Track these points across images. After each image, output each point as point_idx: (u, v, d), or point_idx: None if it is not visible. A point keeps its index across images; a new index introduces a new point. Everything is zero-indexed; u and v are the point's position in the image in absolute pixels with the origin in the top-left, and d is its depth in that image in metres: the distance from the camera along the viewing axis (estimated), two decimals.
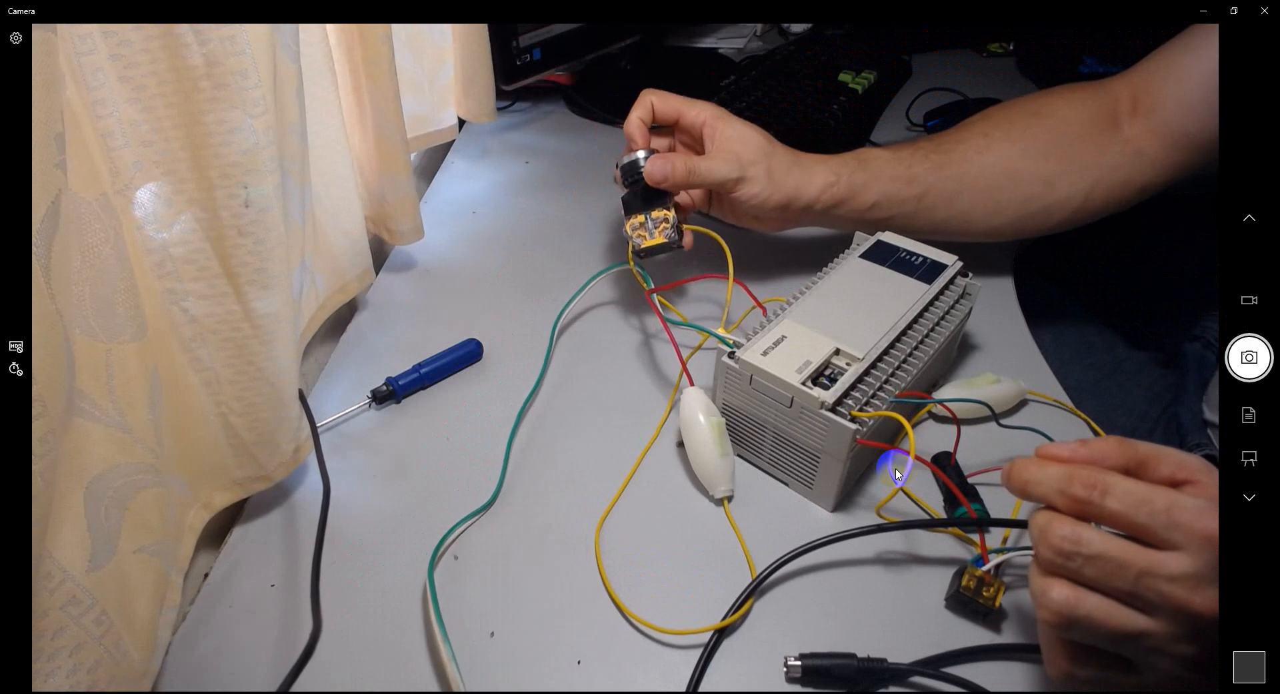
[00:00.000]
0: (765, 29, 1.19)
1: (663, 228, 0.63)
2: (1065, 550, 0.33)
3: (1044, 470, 0.35)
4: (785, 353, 0.50)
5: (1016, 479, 0.37)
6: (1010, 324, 0.66)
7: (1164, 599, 0.31)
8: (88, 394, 0.36)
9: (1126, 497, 0.33)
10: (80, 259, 0.35)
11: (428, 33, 0.75)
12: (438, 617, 0.44)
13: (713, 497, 0.52)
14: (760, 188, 0.60)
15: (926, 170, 0.63)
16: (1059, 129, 0.64)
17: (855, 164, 0.62)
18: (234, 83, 0.39)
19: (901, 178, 0.62)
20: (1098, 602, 0.33)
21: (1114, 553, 0.32)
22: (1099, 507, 0.33)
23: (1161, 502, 0.32)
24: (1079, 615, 0.33)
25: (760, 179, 0.60)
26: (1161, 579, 0.31)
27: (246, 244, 0.42)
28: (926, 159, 0.63)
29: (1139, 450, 0.35)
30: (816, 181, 0.61)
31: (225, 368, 0.45)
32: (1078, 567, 0.33)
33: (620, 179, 0.63)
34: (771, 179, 0.60)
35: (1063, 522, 0.34)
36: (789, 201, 0.61)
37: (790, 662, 0.43)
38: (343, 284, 0.63)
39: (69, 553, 0.35)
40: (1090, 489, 0.33)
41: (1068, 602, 0.33)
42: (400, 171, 0.66)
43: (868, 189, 0.62)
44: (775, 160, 0.61)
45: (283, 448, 0.50)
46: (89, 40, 0.35)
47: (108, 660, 0.37)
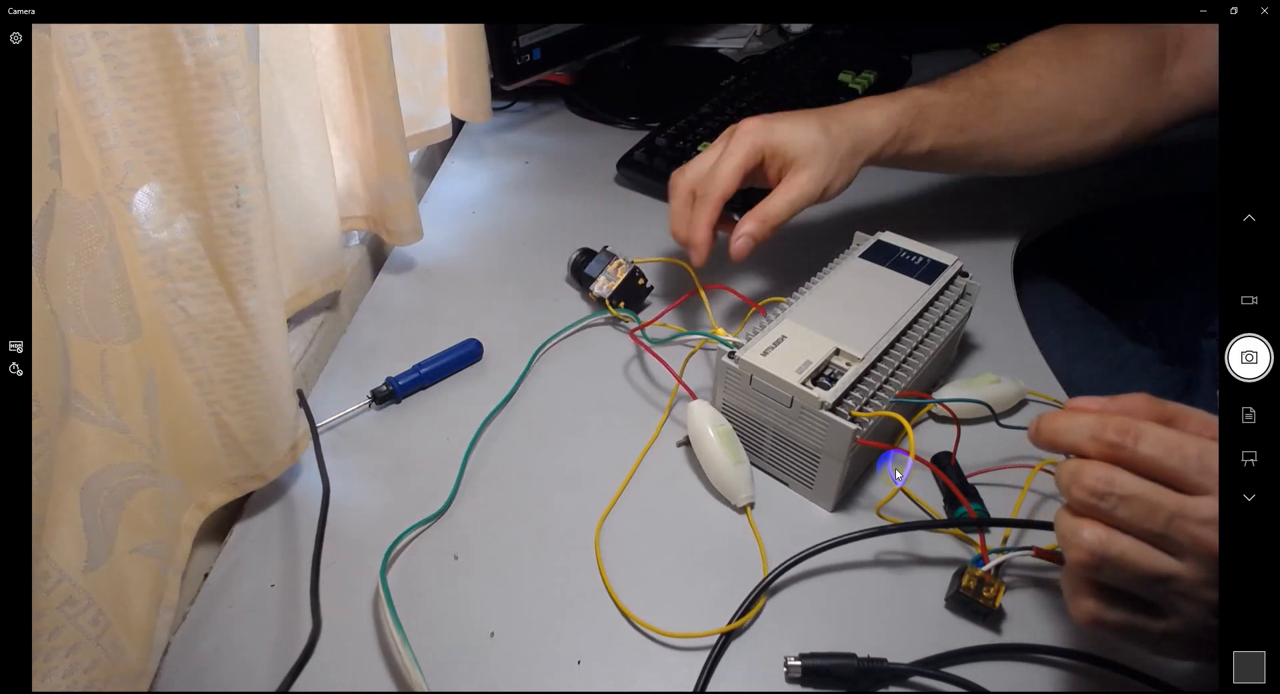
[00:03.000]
0: (765, 29, 1.19)
1: (619, 266, 0.66)
2: (1099, 490, 0.33)
3: (1075, 419, 0.35)
4: (785, 353, 0.50)
5: (1046, 429, 0.36)
6: (1010, 324, 0.66)
7: (1194, 542, 0.31)
8: (83, 394, 0.36)
9: (1159, 442, 0.33)
10: (75, 259, 0.35)
11: (421, 32, 0.75)
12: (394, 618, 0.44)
13: (734, 505, 0.52)
14: (842, 181, 0.59)
15: (979, 117, 0.62)
16: (1109, 72, 0.62)
17: (915, 113, 0.60)
18: (224, 83, 0.39)
19: (955, 126, 0.62)
20: (1129, 542, 0.33)
21: (1147, 494, 0.32)
22: (1132, 452, 0.33)
23: (1193, 448, 0.32)
24: (1111, 555, 0.33)
25: (839, 174, 0.58)
26: (1193, 522, 0.31)
27: (238, 243, 0.42)
28: (981, 105, 0.62)
29: (1167, 408, 0.35)
30: (885, 133, 0.59)
31: (218, 367, 0.45)
32: (1110, 507, 0.33)
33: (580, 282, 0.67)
34: (844, 165, 0.58)
35: (1096, 464, 0.34)
36: (863, 164, 0.60)
37: (790, 662, 0.43)
38: (305, 287, 0.62)
39: (65, 553, 0.35)
40: (1124, 434, 0.33)
41: (1100, 540, 0.33)
42: (399, 172, 0.66)
43: (925, 136, 0.61)
44: (835, 140, 0.58)
45: (277, 446, 0.50)
46: (80, 41, 0.35)
47: (104, 660, 0.37)
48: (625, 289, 0.65)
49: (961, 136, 0.62)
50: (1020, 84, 0.63)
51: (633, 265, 0.66)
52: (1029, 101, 0.62)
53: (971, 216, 0.75)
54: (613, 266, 0.66)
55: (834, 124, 0.58)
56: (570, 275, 0.70)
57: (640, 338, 0.60)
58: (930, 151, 0.61)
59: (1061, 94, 0.63)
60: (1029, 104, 0.62)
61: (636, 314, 0.64)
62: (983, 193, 0.77)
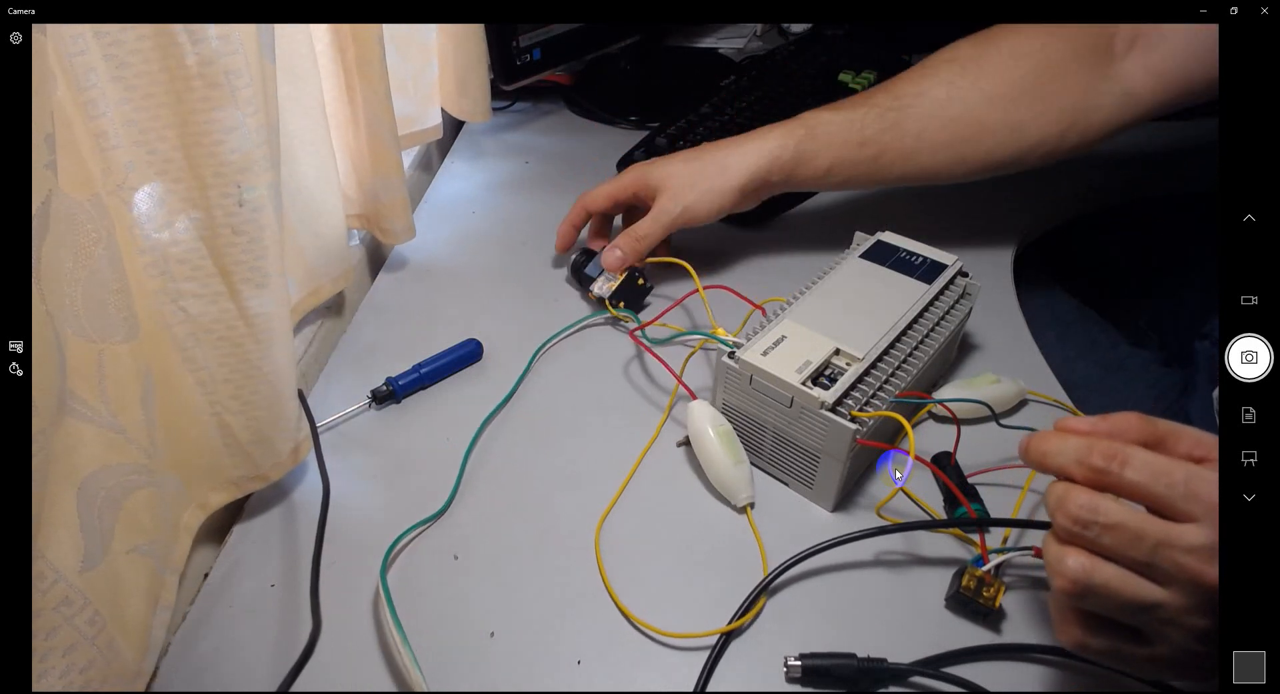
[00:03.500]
0: (765, 29, 1.19)
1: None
2: (1083, 519, 0.33)
3: (1063, 441, 0.35)
4: (785, 353, 0.50)
5: (1035, 451, 0.36)
6: (1010, 324, 0.66)
7: (1179, 570, 0.31)
8: (79, 394, 0.36)
9: (1145, 468, 0.33)
10: (72, 260, 0.35)
11: (414, 31, 0.75)
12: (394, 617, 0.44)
13: (735, 505, 0.52)
14: (708, 202, 0.63)
15: (880, 130, 0.62)
16: (1039, 71, 0.61)
17: (803, 132, 0.62)
18: (227, 82, 0.39)
19: (853, 142, 0.62)
20: (1113, 571, 0.33)
21: (1131, 523, 0.32)
22: (1118, 477, 0.33)
23: (1180, 474, 0.32)
24: (1094, 584, 0.33)
25: (702, 195, 0.63)
26: (1178, 550, 0.31)
27: (240, 242, 0.42)
28: (881, 118, 0.62)
29: (1158, 427, 0.35)
30: (761, 159, 0.62)
31: (219, 367, 0.45)
32: (1094, 535, 0.33)
33: (581, 282, 0.68)
34: (712, 187, 0.63)
35: (1081, 491, 0.34)
36: (741, 189, 0.63)
37: (790, 662, 0.43)
38: (315, 287, 0.63)
39: (61, 553, 0.35)
40: (1110, 460, 0.33)
41: (1084, 569, 0.33)
42: (392, 172, 0.66)
43: (819, 156, 0.62)
44: (703, 166, 0.63)
45: (279, 447, 0.49)
46: (81, 40, 0.35)
47: (101, 661, 0.37)
48: (625, 289, 0.65)
49: (863, 151, 0.62)
50: (930, 94, 0.62)
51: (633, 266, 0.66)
52: (942, 110, 0.62)
53: (971, 216, 0.75)
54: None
55: (705, 155, 0.64)
56: (571, 276, 0.70)
57: (640, 338, 0.60)
58: (830, 169, 0.62)
59: (979, 99, 0.61)
60: (943, 112, 0.62)
61: (636, 314, 0.64)
62: (983, 193, 0.77)
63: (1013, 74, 0.61)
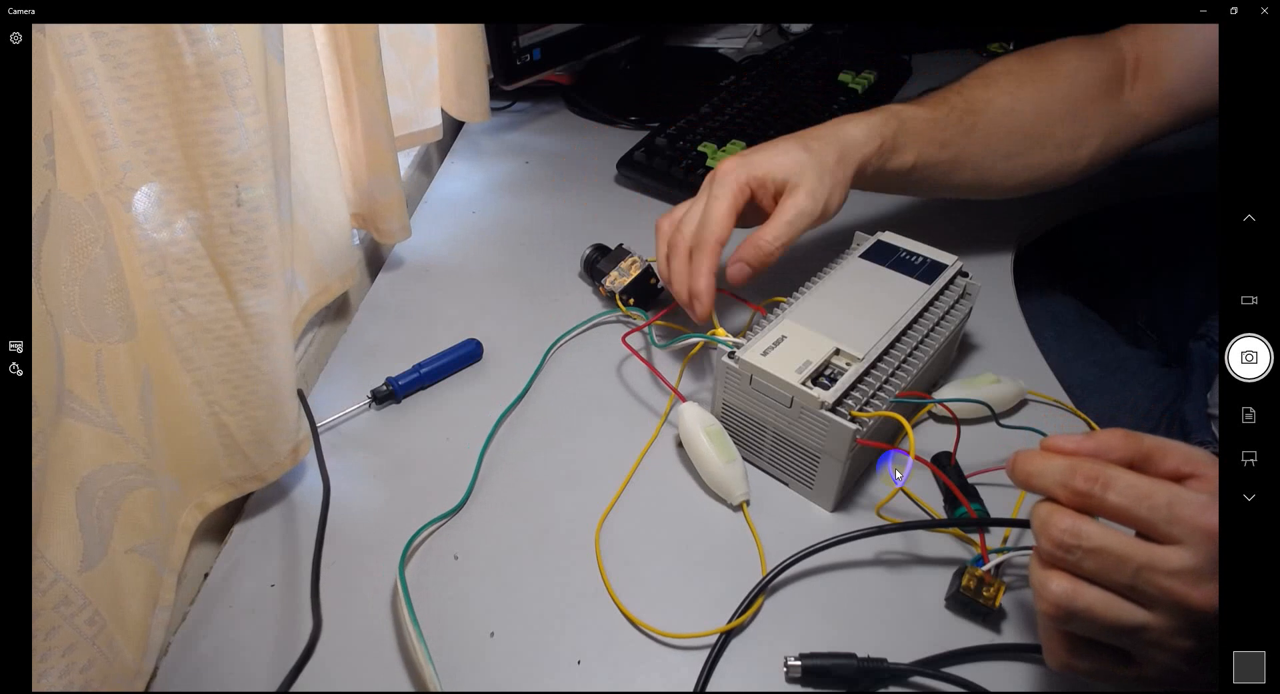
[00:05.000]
0: (765, 29, 1.19)
1: (633, 263, 0.66)
2: (1065, 543, 0.33)
3: (1047, 462, 0.35)
4: (785, 353, 0.50)
5: (1020, 471, 0.36)
6: (1010, 324, 0.66)
7: (1163, 593, 0.31)
8: (77, 394, 0.36)
9: (1128, 491, 0.33)
10: (70, 260, 0.35)
11: (411, 31, 0.75)
12: (411, 614, 0.44)
13: (730, 504, 0.52)
14: (838, 196, 0.55)
15: (959, 134, 0.61)
16: (1074, 92, 0.62)
17: (896, 125, 0.59)
18: (225, 82, 0.39)
19: (936, 141, 0.60)
20: (1097, 595, 0.33)
21: (1114, 547, 0.32)
22: (1100, 500, 0.33)
23: (1163, 496, 0.32)
24: (1078, 608, 0.33)
25: (834, 188, 0.55)
26: (1161, 574, 0.31)
27: (238, 242, 0.42)
28: (960, 121, 0.61)
29: (1144, 444, 0.35)
30: (869, 145, 0.57)
31: (216, 367, 0.45)
32: (1077, 559, 0.33)
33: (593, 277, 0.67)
34: (836, 179, 0.55)
35: (1064, 514, 0.34)
36: (853, 179, 0.57)
37: (790, 662, 0.43)
38: (325, 285, 0.63)
39: (60, 553, 0.35)
40: (1092, 482, 0.33)
41: (1066, 594, 0.33)
42: (389, 171, 0.66)
43: (908, 150, 0.59)
44: (823, 156, 0.55)
45: (278, 448, 0.49)
46: (78, 40, 0.35)
47: (100, 661, 0.37)
48: (637, 286, 0.65)
49: (944, 153, 0.61)
50: (995, 103, 0.62)
51: (648, 263, 0.66)
52: (1006, 120, 0.62)
53: (971, 216, 0.75)
54: (626, 263, 0.66)
55: (813, 141, 0.56)
56: (583, 270, 0.70)
57: (629, 343, 0.60)
58: (914, 167, 0.60)
59: (1036, 113, 0.62)
60: (1006, 122, 0.62)
61: (646, 312, 0.65)
62: None
63: (1060, 92, 0.62)
